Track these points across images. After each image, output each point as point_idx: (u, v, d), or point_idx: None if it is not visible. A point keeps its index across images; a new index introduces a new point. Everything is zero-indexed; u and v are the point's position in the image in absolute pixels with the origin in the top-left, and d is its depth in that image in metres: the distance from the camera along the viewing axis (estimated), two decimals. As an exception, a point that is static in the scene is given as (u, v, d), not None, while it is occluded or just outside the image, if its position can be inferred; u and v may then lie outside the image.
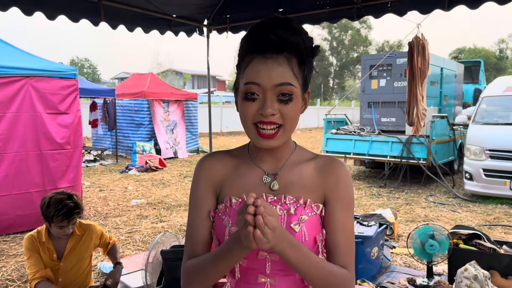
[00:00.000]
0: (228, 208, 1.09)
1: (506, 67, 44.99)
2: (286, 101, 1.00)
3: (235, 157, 1.17)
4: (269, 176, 1.12)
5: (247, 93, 1.01)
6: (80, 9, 3.80)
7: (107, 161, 11.96)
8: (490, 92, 7.99)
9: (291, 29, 1.01)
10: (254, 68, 1.00)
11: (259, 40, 1.00)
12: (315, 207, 1.09)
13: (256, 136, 1.03)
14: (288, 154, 1.14)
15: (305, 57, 1.04)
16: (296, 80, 1.02)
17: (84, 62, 53.08)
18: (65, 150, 5.21)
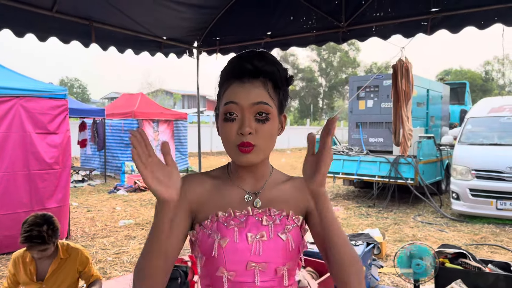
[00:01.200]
0: (214, 223, 1.11)
1: (492, 88, 45.89)
2: (263, 120, 1.06)
3: (214, 178, 1.20)
4: (250, 195, 1.16)
5: (226, 113, 1.07)
6: (71, 30, 3.84)
7: (95, 181, 11.88)
8: (475, 113, 8.16)
9: (265, 60, 1.09)
10: (232, 90, 1.08)
11: (236, 68, 1.09)
12: (296, 219, 1.16)
13: (237, 153, 1.07)
14: (267, 175, 1.20)
15: (280, 84, 1.11)
16: (272, 101, 1.08)
17: (74, 82, 53.00)
18: (53, 170, 5.19)
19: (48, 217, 2.59)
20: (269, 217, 1.13)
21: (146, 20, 4.41)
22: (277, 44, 4.77)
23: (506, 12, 3.45)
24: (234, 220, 1.11)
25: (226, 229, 1.10)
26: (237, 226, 1.10)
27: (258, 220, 1.12)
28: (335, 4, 4.25)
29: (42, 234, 2.47)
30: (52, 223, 2.56)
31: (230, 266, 1.09)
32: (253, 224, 1.11)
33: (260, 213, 1.13)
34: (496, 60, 51.71)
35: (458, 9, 3.66)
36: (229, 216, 1.12)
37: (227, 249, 1.08)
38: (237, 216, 1.12)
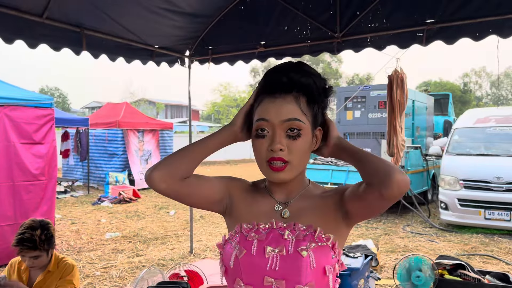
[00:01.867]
0: (238, 234, 1.11)
1: (470, 100, 46.94)
2: (295, 137, 1.05)
3: (254, 186, 1.25)
4: (280, 205, 1.15)
5: (257, 130, 1.08)
6: (62, 38, 3.74)
7: (78, 192, 11.60)
8: (462, 124, 8.27)
9: (302, 72, 1.09)
10: (263, 106, 1.08)
11: (269, 82, 1.10)
12: (325, 237, 1.07)
13: (268, 170, 1.08)
14: (302, 188, 1.18)
15: (316, 97, 1.10)
16: (304, 116, 1.07)
17: (54, 91, 52.15)
18: (39, 182, 5.01)
19: (45, 223, 2.51)
20: (292, 231, 1.08)
21: (138, 28, 4.34)
22: (271, 54, 4.74)
23: (501, 24, 3.49)
24: (256, 232, 1.10)
25: (246, 241, 1.09)
26: (257, 238, 1.08)
27: (281, 234, 1.08)
28: (329, 14, 4.25)
29: (34, 238, 2.37)
30: (47, 229, 2.47)
31: (247, 279, 1.06)
32: (274, 238, 1.08)
33: (284, 227, 1.09)
34: (474, 72, 53.07)
35: (453, 21, 3.69)
36: (252, 228, 1.11)
37: (243, 260, 1.06)
38: (260, 228, 1.10)
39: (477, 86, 54.43)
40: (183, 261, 5.29)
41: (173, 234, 6.78)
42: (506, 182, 6.59)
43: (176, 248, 5.92)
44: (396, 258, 5.44)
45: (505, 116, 7.88)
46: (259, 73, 46.40)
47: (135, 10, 4.00)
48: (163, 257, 5.49)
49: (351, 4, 4.09)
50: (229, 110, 37.28)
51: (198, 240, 6.40)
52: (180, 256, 5.52)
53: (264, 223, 1.11)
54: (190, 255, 5.58)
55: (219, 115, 38.84)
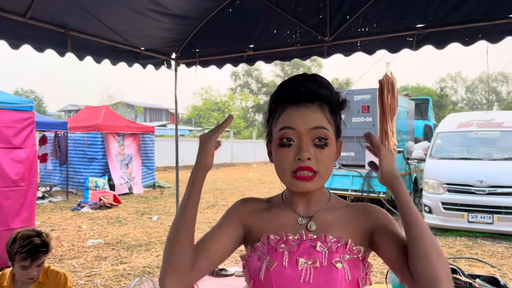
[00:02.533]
0: (265, 245, 1.07)
1: (447, 104, 47.99)
2: (322, 146, 1.02)
3: (270, 202, 1.18)
4: (304, 218, 1.10)
5: (282, 139, 1.03)
6: (46, 39, 3.60)
7: (57, 198, 11.30)
8: (444, 128, 8.39)
9: (319, 83, 1.06)
10: (288, 114, 1.04)
11: (290, 92, 1.06)
12: (355, 250, 1.05)
13: (292, 180, 1.02)
14: (322, 201, 1.13)
15: (335, 108, 1.07)
16: (330, 125, 1.04)
17: (29, 94, 50.97)
18: (19, 187, 4.83)
19: (35, 229, 2.45)
20: (324, 243, 1.04)
21: (124, 30, 4.23)
22: (260, 57, 4.68)
23: (490, 29, 3.52)
24: (285, 243, 1.05)
25: (276, 252, 1.04)
26: (287, 250, 1.03)
27: (312, 245, 1.04)
28: (319, 18, 4.22)
29: (46, 241, 2.33)
30: (41, 232, 2.41)
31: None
32: (306, 249, 1.03)
33: (315, 238, 1.05)
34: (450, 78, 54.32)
35: (443, 26, 3.70)
36: (281, 239, 1.06)
37: (275, 272, 1.01)
38: (289, 240, 1.06)
39: (452, 91, 55.75)
40: (169, 268, 5.16)
41: (157, 241, 6.64)
42: (488, 186, 6.70)
43: (162, 255, 5.78)
44: (383, 262, 5.44)
45: (486, 120, 8.03)
46: (239, 76, 46.42)
47: (121, 11, 3.89)
48: (148, 264, 5.36)
49: (341, 8, 4.08)
50: (210, 114, 37.08)
51: (183, 246, 6.27)
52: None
53: (292, 234, 1.06)
54: (176, 262, 5.46)
55: (200, 119, 38.62)
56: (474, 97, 56.02)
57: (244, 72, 45.88)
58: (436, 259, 0.92)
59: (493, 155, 7.31)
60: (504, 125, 7.65)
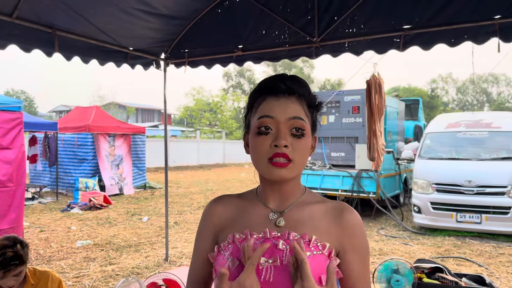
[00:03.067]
0: (230, 244, 1.07)
1: (438, 105, 48.33)
2: (299, 136, 1.03)
3: (244, 199, 1.18)
4: (275, 214, 1.10)
5: (260, 127, 1.04)
6: (33, 39, 3.59)
7: (46, 199, 11.21)
8: (433, 128, 8.45)
9: (298, 82, 1.08)
10: (267, 104, 1.06)
11: (270, 86, 1.07)
12: (320, 245, 1.04)
13: (268, 166, 1.03)
14: (297, 195, 1.13)
15: (312, 105, 1.10)
16: (307, 118, 1.06)
17: (20, 94, 50.52)
18: (7, 188, 4.79)
19: (14, 237, 2.38)
20: (286, 240, 1.04)
21: (113, 30, 4.22)
22: (249, 58, 4.70)
23: (476, 30, 3.56)
24: None
25: (238, 251, 1.04)
26: None
27: (274, 243, 1.04)
28: (308, 19, 4.25)
29: (19, 253, 2.26)
30: (21, 241, 2.35)
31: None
32: (268, 248, 1.02)
33: (278, 236, 1.05)
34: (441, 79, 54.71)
35: (429, 27, 3.75)
36: (245, 238, 1.06)
37: (236, 272, 1.00)
38: (253, 238, 1.05)
39: (444, 92, 56.16)
40: (159, 269, 5.16)
41: (147, 241, 6.62)
42: (476, 186, 6.77)
43: (151, 256, 5.77)
44: (373, 261, 5.47)
45: (475, 121, 8.10)
46: (232, 77, 46.39)
47: (109, 11, 3.88)
48: (137, 265, 5.34)
49: (329, 9, 4.10)
50: (202, 114, 37.00)
51: (173, 247, 6.26)
52: (155, 264, 5.38)
53: (257, 232, 1.06)
54: (166, 262, 5.45)
55: (192, 119, 38.51)
56: (465, 98, 56.47)
57: (236, 72, 45.88)
58: None
59: (482, 155, 7.39)
60: (492, 126, 7.73)
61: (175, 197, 11.75)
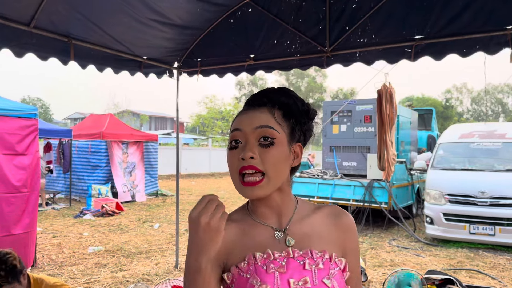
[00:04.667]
0: (252, 265, 1.01)
1: (452, 115, 47.84)
2: (268, 145, 1.00)
3: (237, 221, 1.09)
4: (280, 232, 1.07)
5: (231, 142, 1.03)
6: (49, 47, 3.67)
7: (60, 205, 11.35)
8: (446, 139, 8.38)
9: (284, 93, 1.07)
10: (238, 118, 1.06)
11: (246, 101, 1.09)
12: (338, 261, 1.06)
13: (240, 186, 1.01)
14: (292, 209, 1.11)
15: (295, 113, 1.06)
16: (279, 126, 1.03)
17: (36, 102, 51.40)
18: (21, 194, 4.87)
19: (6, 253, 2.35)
20: (311, 259, 1.02)
21: (127, 39, 4.30)
22: (260, 67, 4.74)
23: (488, 41, 3.55)
24: (273, 263, 1.01)
25: (266, 274, 0.99)
26: (277, 270, 1.00)
27: (300, 263, 1.01)
28: (319, 29, 4.28)
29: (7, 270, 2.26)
30: (5, 262, 2.31)
31: None
32: (295, 269, 1.01)
33: (302, 255, 1.03)
34: (455, 89, 54.21)
35: (441, 37, 3.74)
36: (267, 258, 1.01)
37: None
38: (276, 258, 1.02)
39: (458, 102, 55.61)
40: (169, 276, 5.18)
41: (158, 248, 6.66)
42: (490, 197, 6.67)
43: (161, 263, 5.80)
44: (384, 272, 5.43)
45: (488, 131, 8.01)
46: (244, 86, 46.62)
47: (124, 21, 3.96)
48: (147, 272, 5.37)
49: (341, 19, 4.13)
50: (214, 123, 37.19)
51: (184, 254, 6.28)
52: (165, 271, 5.41)
53: (278, 251, 1.03)
54: (176, 270, 5.47)
55: (204, 127, 38.72)
56: (479, 108, 55.82)
57: (249, 81, 46.09)
58: None
59: (495, 166, 7.29)
60: (506, 136, 7.63)
61: (186, 205, 11.80)
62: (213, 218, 0.91)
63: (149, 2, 3.75)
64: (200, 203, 0.93)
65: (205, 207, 0.92)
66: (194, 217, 0.91)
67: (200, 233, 0.91)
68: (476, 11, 3.51)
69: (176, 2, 3.92)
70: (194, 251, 0.93)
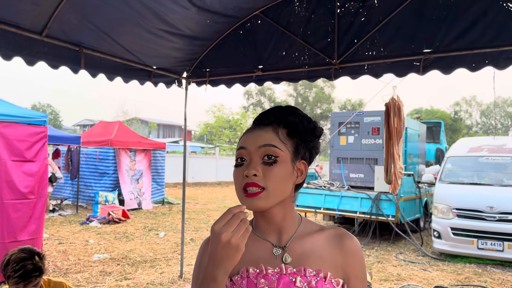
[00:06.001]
0: (244, 279, 1.05)
1: (461, 128, 47.52)
2: (271, 163, 1.03)
3: None
4: (279, 249, 1.08)
5: (237, 159, 1.07)
6: (60, 56, 3.72)
7: (67, 211, 11.40)
8: (455, 152, 8.31)
9: (290, 112, 1.10)
10: (243, 137, 1.10)
11: (254, 120, 1.13)
12: (335, 282, 1.05)
13: (243, 197, 1.03)
14: (294, 226, 1.12)
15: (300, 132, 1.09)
16: (282, 144, 1.05)
17: (46, 108, 51.94)
18: (28, 200, 4.90)
19: (31, 248, 2.43)
20: (304, 277, 1.03)
21: (137, 49, 4.35)
22: (268, 78, 4.76)
23: (497, 56, 3.54)
24: (265, 277, 1.04)
25: (254, 286, 1.03)
26: (267, 285, 1.02)
27: (291, 280, 1.03)
28: (328, 41, 4.29)
29: (38, 265, 2.31)
30: (39, 252, 2.40)
31: None
32: (285, 285, 1.02)
33: (295, 272, 1.04)
34: (465, 101, 53.93)
35: (450, 51, 3.74)
36: (260, 273, 1.05)
37: None
38: (269, 273, 1.04)
39: (467, 114, 55.28)
40: (173, 286, 5.17)
41: (163, 257, 6.65)
42: (499, 212, 6.60)
43: (166, 272, 5.79)
44: (390, 287, 5.37)
45: (498, 145, 7.94)
46: (252, 95, 46.71)
47: (135, 31, 4.01)
48: (152, 281, 5.36)
49: (349, 32, 4.14)
50: (222, 132, 37.28)
51: (189, 264, 6.27)
52: (170, 281, 5.39)
53: (272, 267, 1.05)
54: (180, 279, 5.46)
55: (212, 136, 38.82)
56: (489, 121, 55.44)
57: (257, 91, 46.19)
58: None
59: (504, 181, 7.22)
60: (515, 151, 7.56)
61: (192, 213, 11.79)
62: (234, 236, 0.90)
63: (160, 12, 3.80)
64: (224, 216, 0.93)
65: (228, 222, 0.92)
66: (216, 232, 0.92)
67: (219, 249, 0.91)
68: (485, 25, 3.51)
69: (187, 13, 3.96)
70: (213, 262, 0.94)
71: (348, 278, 1.08)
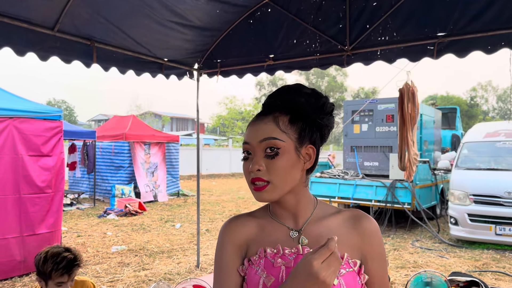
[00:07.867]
0: (262, 259, 1.07)
1: (477, 114, 46.75)
2: (273, 156, 1.02)
3: (258, 218, 1.16)
4: (295, 232, 1.10)
5: (244, 153, 1.09)
6: (72, 50, 3.76)
7: (84, 205, 11.58)
8: (471, 138, 8.19)
9: (294, 92, 1.07)
10: (247, 129, 1.10)
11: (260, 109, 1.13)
12: (352, 263, 1.05)
13: (252, 191, 1.06)
14: (309, 210, 1.12)
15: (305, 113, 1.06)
16: (284, 134, 1.04)
17: (61, 104, 52.62)
18: (45, 194, 4.99)
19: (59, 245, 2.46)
20: None
21: (148, 42, 4.36)
22: (280, 67, 4.73)
23: (513, 37, 3.46)
24: (282, 257, 1.05)
25: (273, 267, 1.04)
26: (284, 265, 1.04)
27: None
28: (339, 28, 4.24)
29: (76, 254, 2.35)
30: (67, 247, 2.42)
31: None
32: None
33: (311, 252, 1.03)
34: (480, 87, 52.97)
35: (464, 34, 3.66)
36: (277, 253, 1.06)
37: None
38: (286, 254, 1.06)
39: (483, 100, 54.33)
40: (190, 275, 5.22)
41: (179, 248, 6.72)
42: (517, 197, 6.49)
43: (183, 262, 5.85)
44: (406, 274, 5.35)
45: (515, 130, 7.80)
46: (264, 86, 46.60)
47: (145, 23, 4.02)
48: (169, 271, 5.43)
49: (361, 17, 4.09)
50: (234, 123, 37.33)
51: (205, 254, 6.33)
52: (187, 270, 5.45)
53: (289, 247, 1.06)
54: (197, 269, 5.51)
55: (225, 128, 38.90)
56: (506, 106, 54.41)
57: (269, 81, 46.06)
58: None
59: (522, 166, 7.09)
60: (534, 135, 7.42)
61: (207, 205, 11.88)
62: (330, 276, 0.87)
63: (169, 4, 3.80)
64: (324, 252, 0.88)
65: (328, 261, 0.88)
66: (315, 269, 0.87)
67: (310, 284, 0.88)
68: (500, 6, 3.42)
69: (196, 4, 3.95)
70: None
71: (365, 258, 1.08)
